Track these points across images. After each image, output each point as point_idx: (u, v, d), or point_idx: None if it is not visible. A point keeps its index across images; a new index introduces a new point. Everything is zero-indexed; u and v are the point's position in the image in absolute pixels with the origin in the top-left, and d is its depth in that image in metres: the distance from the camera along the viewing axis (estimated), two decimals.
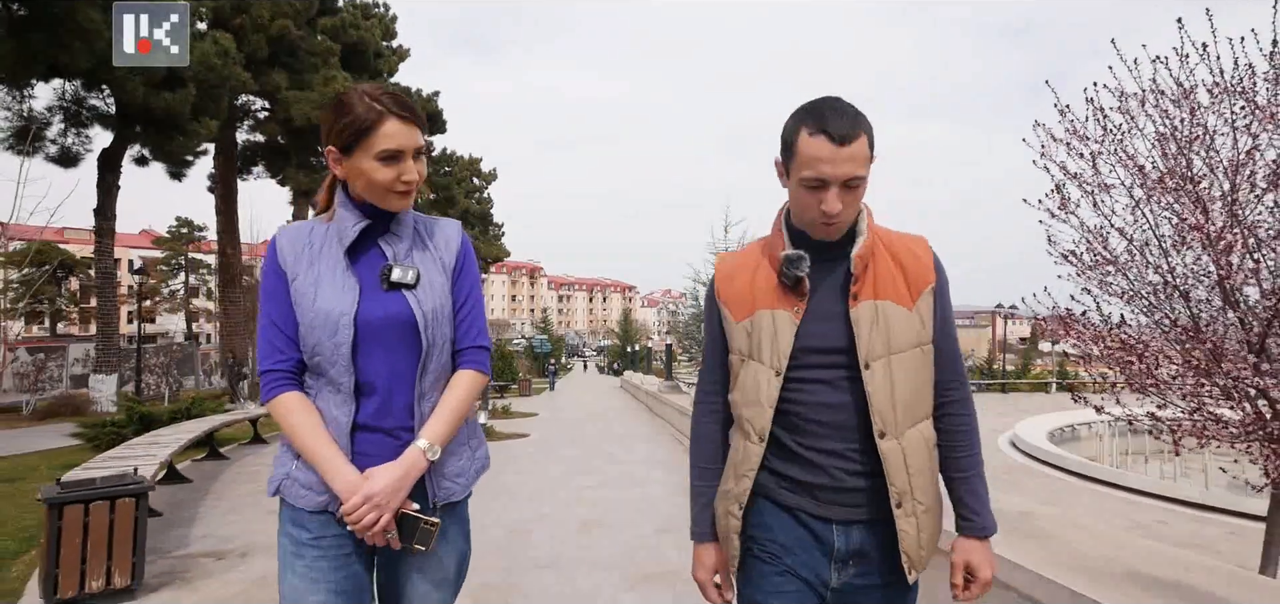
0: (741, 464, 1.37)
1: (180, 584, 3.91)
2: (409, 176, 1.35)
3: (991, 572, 1.36)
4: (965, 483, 1.38)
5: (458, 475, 1.43)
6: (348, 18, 26.27)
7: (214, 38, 15.43)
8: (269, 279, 1.40)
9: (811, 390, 1.32)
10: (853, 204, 1.30)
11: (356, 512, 1.28)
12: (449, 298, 1.42)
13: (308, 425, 1.33)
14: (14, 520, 5.54)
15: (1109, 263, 5.56)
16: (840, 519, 1.32)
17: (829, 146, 1.24)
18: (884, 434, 1.29)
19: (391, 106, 1.32)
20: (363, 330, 1.34)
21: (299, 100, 19.27)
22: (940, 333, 1.37)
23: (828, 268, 1.34)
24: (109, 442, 9.36)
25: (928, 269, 1.35)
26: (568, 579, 3.97)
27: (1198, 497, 10.38)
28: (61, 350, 19.17)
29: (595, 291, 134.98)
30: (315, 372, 1.36)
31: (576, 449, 10.10)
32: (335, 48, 22.44)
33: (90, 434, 9.73)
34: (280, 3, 18.50)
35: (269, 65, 19.09)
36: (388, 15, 30.47)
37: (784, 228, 1.39)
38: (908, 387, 1.31)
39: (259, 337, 1.40)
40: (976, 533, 1.36)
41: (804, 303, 1.33)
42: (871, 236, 1.35)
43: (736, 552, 1.37)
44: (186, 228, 53.81)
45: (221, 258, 23.23)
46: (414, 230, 1.44)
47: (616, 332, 65.68)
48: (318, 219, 1.44)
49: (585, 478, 7.52)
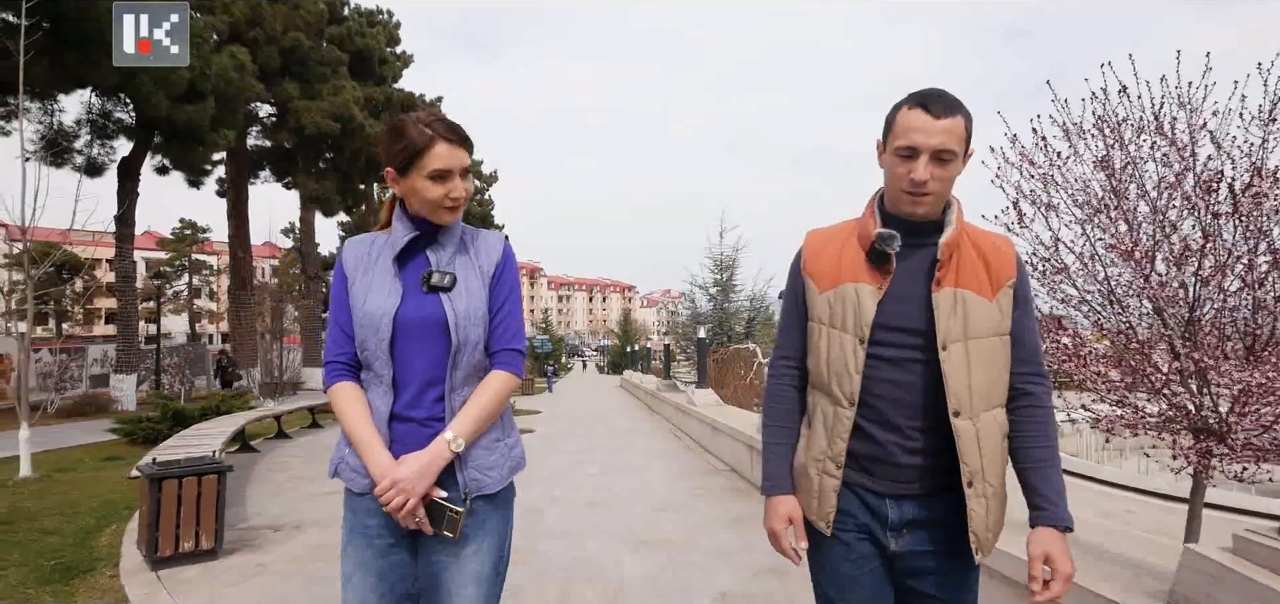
0: (835, 427, 1.42)
1: (251, 549, 4.61)
2: (456, 193, 1.50)
3: (1072, 567, 1.31)
4: (1040, 472, 1.37)
5: (489, 469, 1.52)
6: (354, 26, 26.97)
7: (231, 52, 16.11)
8: (335, 284, 1.59)
9: (881, 367, 1.38)
10: (941, 179, 1.35)
11: (386, 494, 1.41)
12: (484, 302, 1.53)
13: (354, 412, 1.49)
14: (84, 503, 6.23)
15: (1060, 272, 6.33)
16: (893, 494, 1.40)
17: (924, 117, 1.33)
18: (959, 413, 1.34)
19: (441, 131, 1.48)
20: (400, 328, 1.48)
21: (309, 109, 19.94)
22: (1019, 326, 1.41)
23: (913, 253, 1.40)
24: (145, 437, 10.08)
25: (1010, 265, 1.40)
26: (578, 545, 4.68)
27: (1166, 488, 11.08)
28: (82, 351, 19.82)
29: (595, 292, 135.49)
30: (365, 365, 1.53)
31: (580, 443, 10.78)
32: (344, 57, 23.13)
33: (127, 430, 10.44)
34: (293, 16, 19.18)
35: (281, 75, 19.78)
36: (391, 22, 31.13)
37: (876, 210, 1.45)
38: (984, 372, 1.36)
39: (327, 331, 1.60)
40: (1055, 522, 1.34)
41: (887, 281, 1.39)
42: (959, 229, 1.40)
43: (833, 508, 1.42)
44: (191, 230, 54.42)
45: (233, 261, 23.88)
46: (459, 240, 1.58)
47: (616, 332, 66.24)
48: (378, 232, 1.61)
49: (589, 468, 8.21)
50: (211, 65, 15.11)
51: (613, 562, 4.31)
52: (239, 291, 23.58)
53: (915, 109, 1.33)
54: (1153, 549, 3.18)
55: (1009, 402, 1.41)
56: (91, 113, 14.34)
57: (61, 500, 6.33)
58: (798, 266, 1.53)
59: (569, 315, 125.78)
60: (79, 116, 14.30)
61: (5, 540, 4.87)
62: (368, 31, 27.53)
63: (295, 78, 20.32)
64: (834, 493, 1.41)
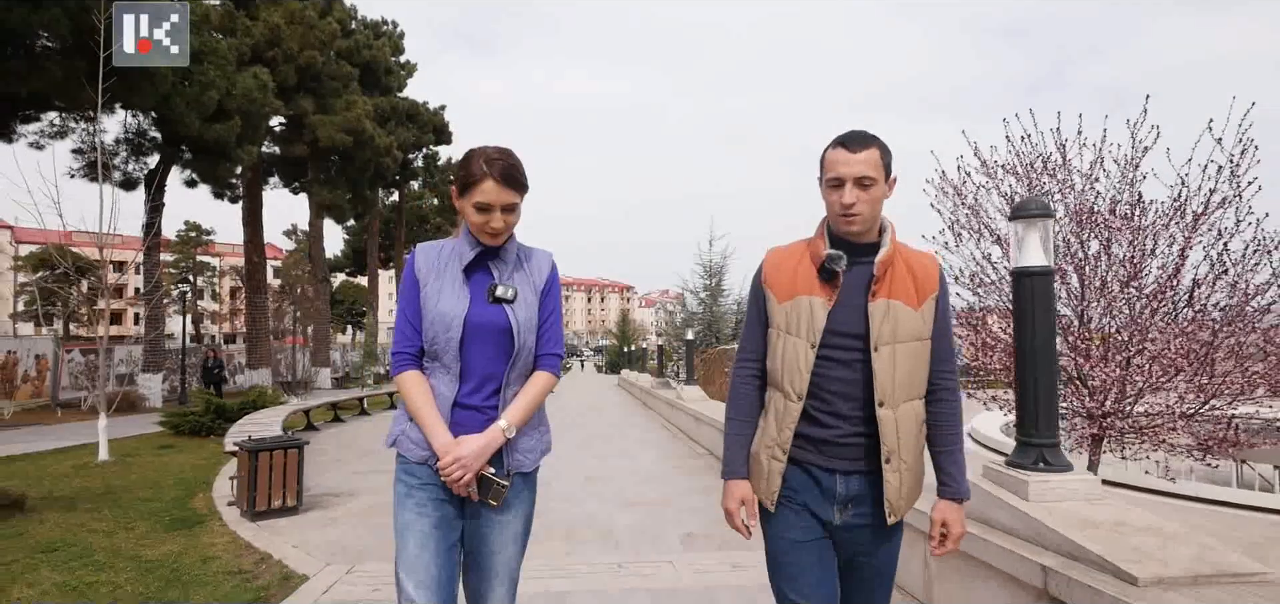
0: (784, 418, 1.66)
1: (321, 509, 5.82)
2: (494, 226, 1.71)
3: (962, 529, 1.64)
4: (947, 455, 1.68)
5: (528, 452, 1.82)
6: (361, 39, 28.06)
7: (254, 72, 17.27)
8: (406, 283, 1.79)
9: (830, 366, 1.62)
10: (867, 202, 1.59)
11: (448, 467, 1.66)
12: (536, 313, 1.79)
13: (421, 397, 1.72)
14: (163, 478, 7.42)
15: (987, 285, 7.61)
16: (841, 470, 1.64)
17: (845, 152, 1.60)
18: (883, 404, 1.59)
19: (495, 172, 1.68)
20: (470, 330, 1.71)
21: (324, 123, 21.10)
22: (938, 333, 1.66)
23: (856, 268, 1.64)
24: (192, 429, 11.29)
25: (934, 281, 1.65)
26: (579, 505, 5.89)
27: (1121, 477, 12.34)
28: (109, 352, 20.99)
29: (593, 292, 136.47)
30: (432, 357, 1.75)
31: (579, 434, 11.97)
32: (354, 72, 24.27)
33: (174, 423, 11.64)
34: (308, 35, 20.34)
35: (297, 91, 20.94)
36: (396, 32, 32.15)
37: (825, 233, 1.68)
38: (906, 369, 1.60)
39: (396, 325, 1.81)
40: (952, 495, 1.66)
41: (835, 294, 1.62)
42: (893, 249, 1.64)
43: (777, 488, 1.67)
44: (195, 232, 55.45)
45: (248, 265, 24.99)
46: (516, 257, 1.82)
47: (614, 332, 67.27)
48: (449, 240, 1.83)
49: (587, 453, 9.42)
50: (236, 85, 16.25)
51: (606, 516, 5.51)
52: (254, 295, 24.73)
53: (838, 148, 1.62)
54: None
55: (928, 396, 1.67)
56: (128, 132, 15.51)
57: (142, 478, 7.51)
58: (759, 280, 1.77)
59: (568, 316, 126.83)
60: (118, 136, 15.49)
61: (118, 505, 6.06)
62: (374, 44, 28.61)
63: (310, 93, 21.48)
64: (779, 475, 1.67)
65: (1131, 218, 6.28)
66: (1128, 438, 6.70)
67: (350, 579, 3.91)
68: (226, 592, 3.75)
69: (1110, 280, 6.26)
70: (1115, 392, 6.27)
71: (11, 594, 3.69)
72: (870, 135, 1.63)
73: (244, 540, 4.83)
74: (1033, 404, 2.93)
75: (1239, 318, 6.03)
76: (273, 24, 19.22)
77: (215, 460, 8.60)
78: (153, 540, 4.89)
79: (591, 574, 3.98)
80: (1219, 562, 2.26)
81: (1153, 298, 6.18)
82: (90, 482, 7.24)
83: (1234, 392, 5.90)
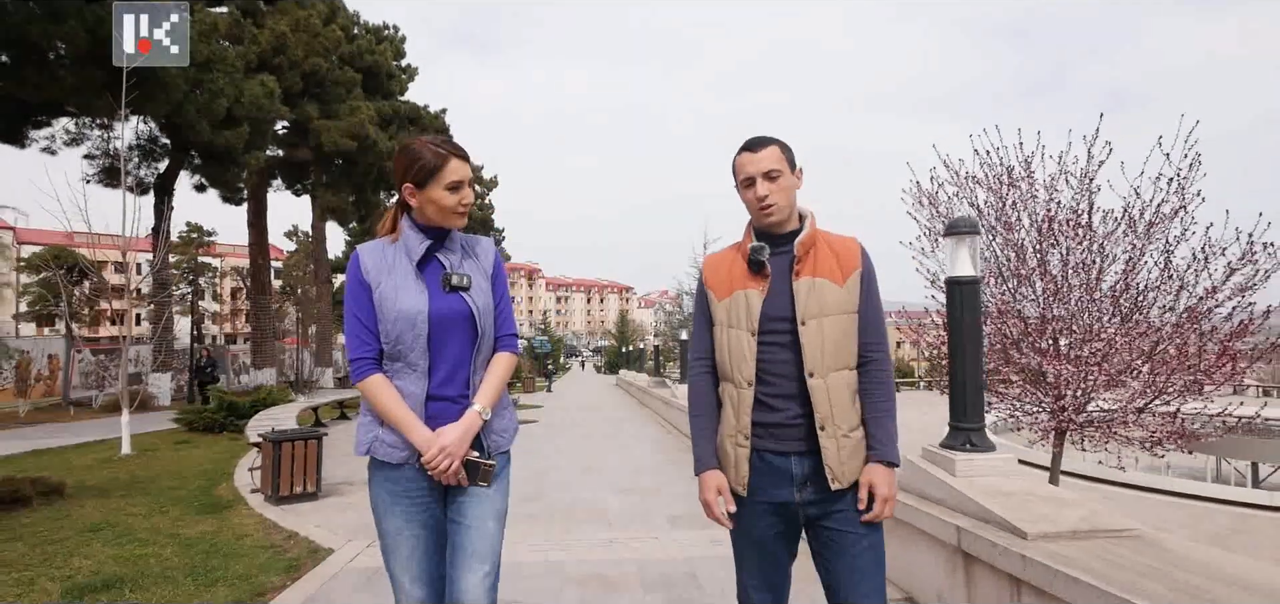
0: (739, 406, 1.76)
1: (338, 495, 6.31)
2: (467, 200, 1.76)
3: (889, 491, 1.68)
4: (877, 421, 1.74)
5: (503, 431, 1.86)
6: (364, 44, 28.50)
7: (261, 80, 17.74)
8: (353, 286, 1.78)
9: (771, 349, 1.73)
10: (779, 191, 1.73)
11: (434, 459, 1.68)
12: (491, 297, 1.82)
13: (392, 399, 1.72)
14: (186, 469, 7.90)
15: None
16: (795, 451, 1.72)
17: (748, 155, 1.77)
18: (813, 374, 1.69)
19: (453, 149, 1.75)
20: (435, 323, 1.72)
21: (329, 129, 21.57)
22: (865, 305, 1.76)
23: (782, 258, 1.77)
24: (206, 426, 11.76)
25: (855, 258, 1.76)
26: (576, 492, 6.38)
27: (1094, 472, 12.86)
28: (117, 352, 21.47)
29: (593, 292, 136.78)
30: (394, 357, 1.74)
31: (578, 430, 12.47)
32: (357, 77, 24.73)
33: (188, 420, 12.11)
34: (313, 42, 20.82)
35: (301, 97, 21.40)
36: (397, 36, 32.58)
37: (752, 232, 1.83)
38: (833, 340, 1.71)
39: (347, 331, 1.79)
40: (879, 458, 1.71)
41: (766, 283, 1.75)
42: (812, 233, 1.77)
43: (747, 474, 1.75)
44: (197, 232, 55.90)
45: (253, 267, 25.49)
46: (460, 246, 1.84)
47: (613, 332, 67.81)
48: (385, 240, 1.82)
49: (585, 448, 9.91)
50: (244, 93, 16.73)
51: (601, 501, 6.01)
52: (259, 296, 25.23)
53: (743, 152, 1.79)
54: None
55: (859, 365, 1.76)
56: (140, 139, 15.99)
57: (165, 469, 7.99)
58: (701, 285, 1.91)
59: (567, 316, 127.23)
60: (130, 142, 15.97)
61: (148, 493, 6.54)
62: (376, 48, 29.05)
63: (314, 99, 21.95)
64: (746, 461, 1.75)
65: (1089, 226, 6.78)
66: (1087, 431, 7.20)
67: (371, 552, 4.39)
68: (262, 562, 4.23)
69: (1070, 285, 6.76)
70: (1075, 389, 6.76)
71: (73, 564, 4.18)
72: (770, 137, 1.79)
73: (271, 521, 5.31)
74: (961, 395, 3.43)
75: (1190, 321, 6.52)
76: (279, 32, 19.70)
77: (231, 454, 9.08)
78: (187, 522, 5.37)
79: (586, 548, 4.47)
80: (1098, 522, 2.75)
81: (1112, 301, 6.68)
82: (117, 473, 7.72)
83: (1178, 389, 6.39)
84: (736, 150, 1.83)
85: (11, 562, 4.22)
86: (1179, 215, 6.49)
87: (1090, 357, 6.62)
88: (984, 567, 2.82)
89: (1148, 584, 2.12)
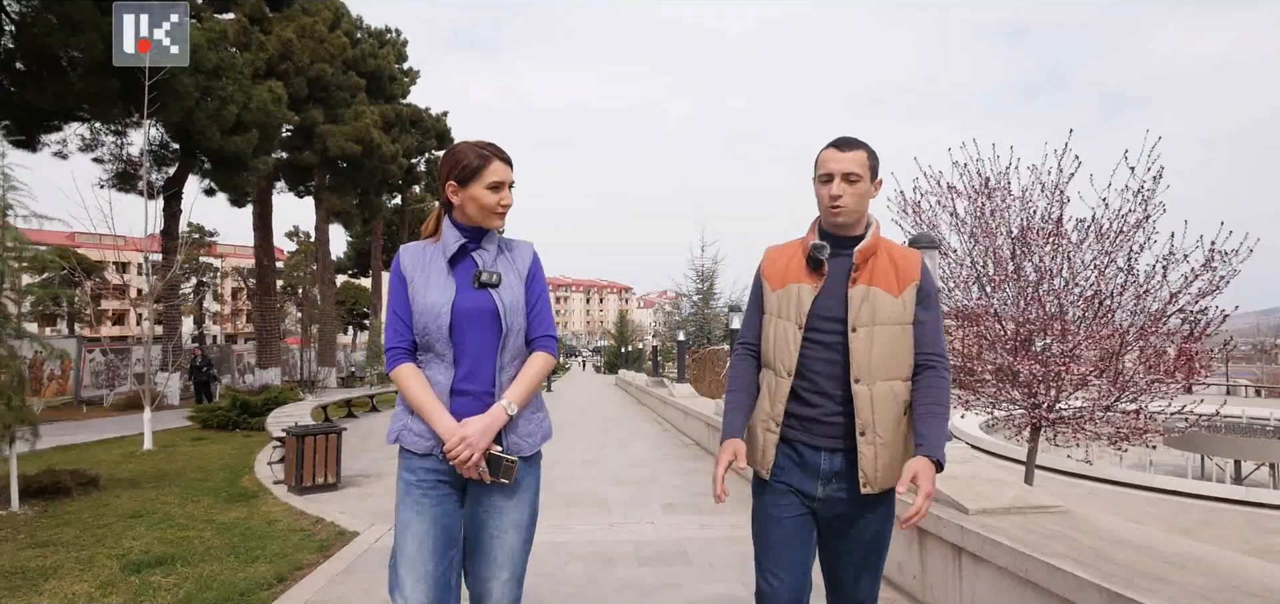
0: (776, 393, 1.81)
1: (356, 486, 6.76)
2: (507, 202, 1.83)
3: (930, 486, 1.67)
4: (926, 420, 1.74)
5: (528, 435, 1.85)
6: (367, 48, 28.95)
7: (269, 86, 18.20)
8: (393, 282, 1.86)
9: (816, 348, 1.78)
10: (853, 195, 1.76)
11: (455, 447, 1.71)
12: (522, 297, 1.86)
13: (419, 387, 1.78)
14: (209, 463, 8.34)
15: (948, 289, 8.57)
16: (826, 447, 1.78)
17: (834, 151, 1.79)
18: (858, 380, 1.73)
19: (496, 151, 1.83)
20: (458, 316, 1.78)
21: (334, 133, 22.05)
22: (925, 316, 1.79)
23: (842, 261, 1.80)
24: (220, 423, 12.19)
25: (915, 270, 1.79)
26: (578, 483, 6.83)
27: (1079, 469, 13.33)
28: (127, 352, 21.89)
29: (592, 293, 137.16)
30: (425, 348, 1.81)
31: (577, 427, 12.92)
32: (361, 82, 25.21)
33: (202, 418, 12.54)
34: (319, 49, 21.27)
35: (307, 103, 21.88)
36: (399, 40, 33.04)
37: (816, 229, 1.85)
38: (883, 350, 1.74)
39: (385, 324, 1.87)
40: (927, 454, 1.70)
41: (821, 281, 1.79)
42: (875, 241, 1.80)
43: (772, 459, 1.81)
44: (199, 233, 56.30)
45: (258, 268, 25.91)
46: (498, 246, 1.89)
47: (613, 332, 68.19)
48: (428, 241, 1.89)
49: (586, 443, 10.37)
50: (253, 99, 17.18)
51: (601, 491, 6.46)
52: (264, 297, 25.66)
53: (830, 148, 1.80)
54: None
55: (914, 376, 1.78)
56: (152, 145, 16.45)
57: (187, 464, 8.43)
58: (758, 272, 1.94)
59: (567, 316, 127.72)
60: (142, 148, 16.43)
61: (178, 484, 6.98)
62: (379, 53, 29.50)
63: (320, 104, 22.42)
64: (774, 447, 1.80)
65: (1059, 234, 7.24)
66: (1058, 427, 7.66)
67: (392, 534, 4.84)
68: (295, 543, 4.68)
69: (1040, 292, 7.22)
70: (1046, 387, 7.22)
71: (124, 545, 4.62)
72: (860, 140, 1.81)
73: (297, 509, 5.76)
74: None
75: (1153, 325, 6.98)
76: (285, 39, 20.15)
77: (247, 449, 9.53)
78: (219, 509, 5.82)
79: (586, 531, 4.92)
80: (1028, 501, 3.20)
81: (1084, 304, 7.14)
82: (143, 466, 8.16)
83: (1139, 389, 6.85)
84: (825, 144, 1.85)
85: (69, 542, 4.66)
86: (1142, 226, 6.95)
87: (1059, 357, 7.07)
88: (933, 538, 3.27)
89: (1052, 545, 2.57)
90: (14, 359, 5.68)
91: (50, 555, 4.35)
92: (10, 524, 5.14)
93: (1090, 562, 2.35)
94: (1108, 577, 2.19)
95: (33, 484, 5.96)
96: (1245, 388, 26.64)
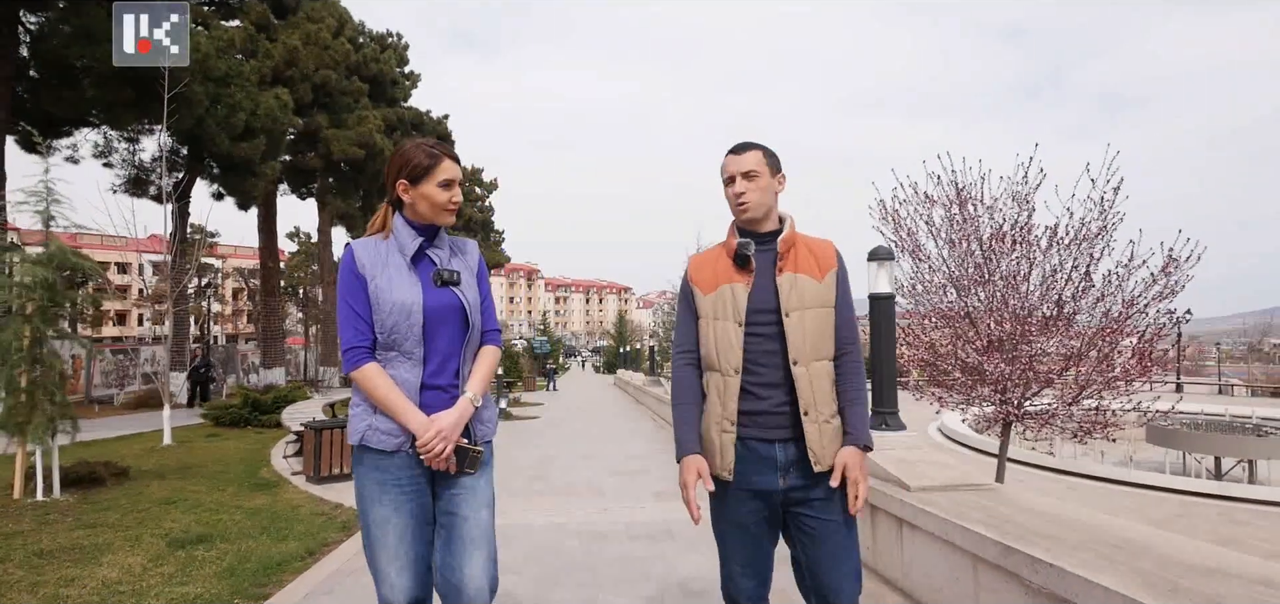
0: (726, 393, 1.88)
1: None
2: (457, 199, 1.89)
3: (860, 472, 1.82)
4: (851, 409, 1.88)
5: (489, 421, 1.97)
6: (369, 53, 29.40)
7: (275, 93, 18.67)
8: (348, 279, 1.84)
9: (755, 340, 1.87)
10: (755, 190, 1.89)
11: (431, 441, 1.77)
12: (477, 293, 1.93)
13: (387, 386, 1.80)
14: (228, 456, 8.82)
15: (918, 293, 9.08)
16: (779, 438, 1.86)
17: (731, 156, 1.94)
18: (797, 362, 1.84)
19: (446, 150, 1.89)
20: (429, 315, 1.83)
21: (338, 138, 22.52)
22: (840, 301, 1.92)
23: (766, 254, 1.92)
24: (232, 420, 12.67)
25: (831, 258, 1.93)
26: (576, 474, 7.33)
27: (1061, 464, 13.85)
28: (136, 352, 22.40)
29: (591, 293, 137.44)
30: (389, 347, 1.83)
31: (576, 425, 13.43)
32: (364, 87, 25.67)
33: (215, 415, 13.02)
34: (323, 55, 21.75)
35: (311, 108, 22.36)
36: (401, 44, 33.49)
37: (736, 231, 1.98)
38: (814, 332, 1.86)
39: (341, 322, 1.85)
40: (852, 441, 1.85)
41: (751, 277, 1.90)
42: (792, 233, 1.93)
43: (732, 460, 1.87)
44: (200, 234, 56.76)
45: (263, 269, 26.40)
46: (449, 245, 1.95)
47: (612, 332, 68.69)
48: (377, 237, 1.91)
49: (584, 440, 10.87)
50: (260, 106, 17.66)
51: (597, 481, 6.96)
52: (268, 298, 26.14)
53: (728, 155, 1.95)
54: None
55: (835, 358, 1.90)
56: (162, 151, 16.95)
57: (207, 457, 8.91)
58: (686, 280, 2.01)
59: (566, 317, 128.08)
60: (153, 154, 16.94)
61: (202, 475, 7.47)
62: (381, 57, 29.95)
63: (324, 109, 22.89)
64: (732, 446, 1.85)
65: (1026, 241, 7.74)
66: (1026, 422, 8.16)
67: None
68: (319, 524, 5.17)
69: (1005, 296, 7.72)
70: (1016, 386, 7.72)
71: (165, 526, 5.10)
72: (755, 142, 1.95)
73: (316, 496, 6.25)
74: (880, 385, 4.37)
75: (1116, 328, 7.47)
76: (291, 46, 20.63)
77: (261, 444, 10.01)
78: (245, 496, 6.30)
79: (584, 514, 5.42)
80: (963, 479, 3.70)
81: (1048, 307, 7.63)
82: (166, 460, 8.64)
83: (1098, 387, 7.35)
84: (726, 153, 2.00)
85: (113, 524, 5.15)
86: (1102, 234, 7.45)
87: (1025, 358, 7.57)
88: (882, 512, 3.76)
89: (972, 513, 3.06)
90: (56, 359, 6.16)
91: (99, 535, 4.84)
92: (56, 509, 5.63)
93: (997, 524, 2.85)
94: (1006, 535, 2.68)
95: (70, 474, 6.44)
96: (1234, 387, 27.10)
